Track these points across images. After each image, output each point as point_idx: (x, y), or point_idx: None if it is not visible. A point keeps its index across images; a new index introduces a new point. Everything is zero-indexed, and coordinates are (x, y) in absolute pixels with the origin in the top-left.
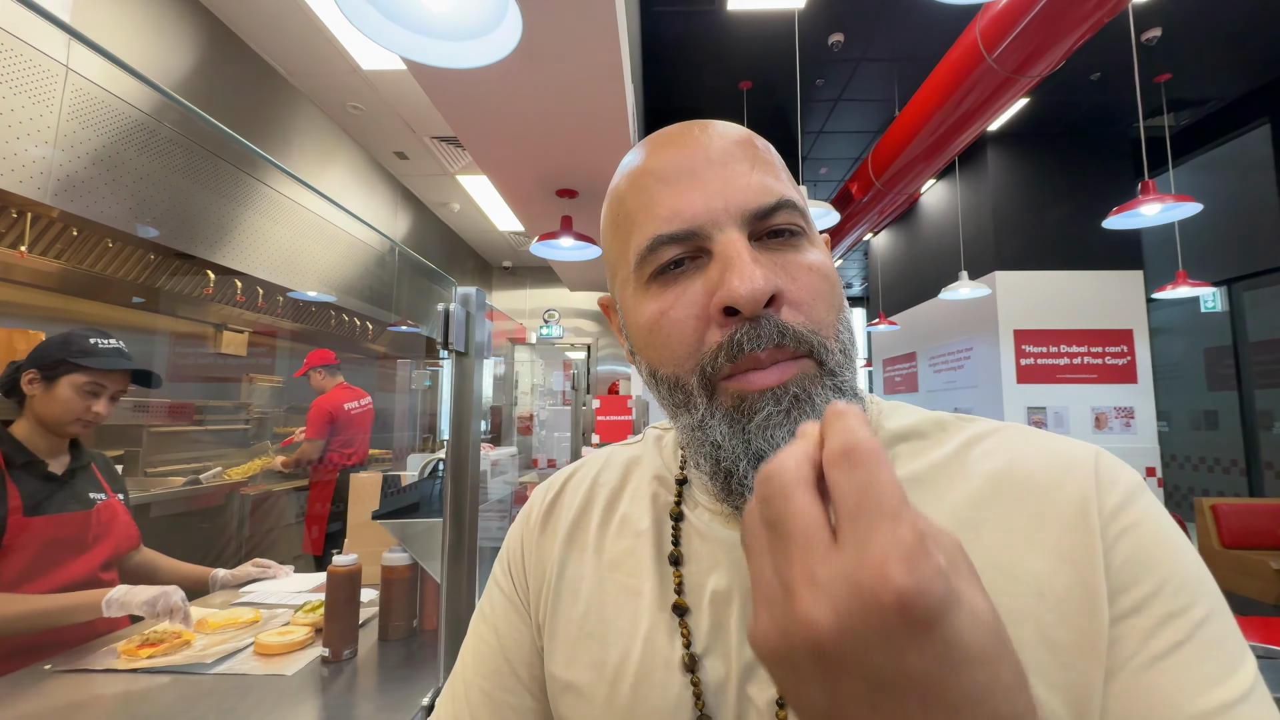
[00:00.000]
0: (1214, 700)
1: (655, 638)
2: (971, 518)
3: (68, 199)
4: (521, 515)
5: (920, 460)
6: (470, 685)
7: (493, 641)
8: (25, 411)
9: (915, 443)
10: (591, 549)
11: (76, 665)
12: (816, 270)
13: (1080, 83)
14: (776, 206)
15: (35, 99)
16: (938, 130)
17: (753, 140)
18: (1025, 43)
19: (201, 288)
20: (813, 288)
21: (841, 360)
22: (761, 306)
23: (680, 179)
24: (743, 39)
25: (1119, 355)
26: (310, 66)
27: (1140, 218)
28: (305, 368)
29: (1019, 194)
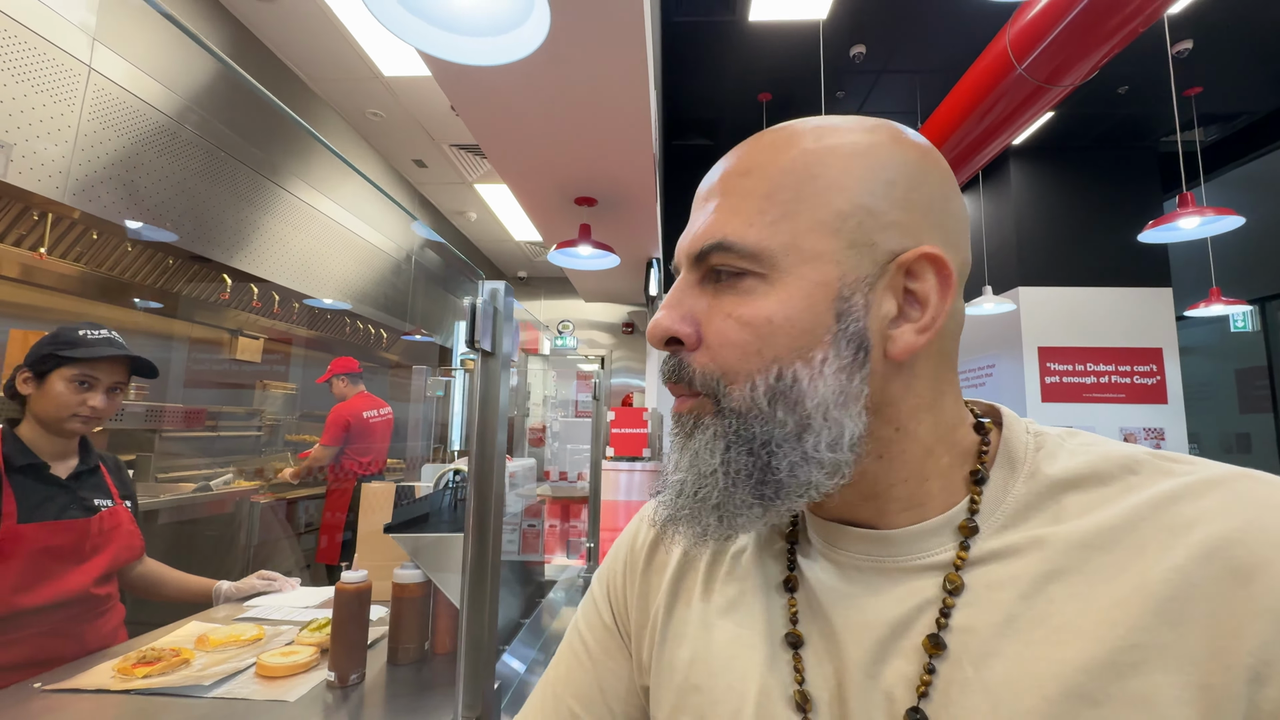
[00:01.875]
0: None
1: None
2: (1160, 601)
3: (85, 199)
4: (628, 536)
5: (1090, 517)
6: (560, 701)
7: (587, 664)
8: (26, 412)
9: (1090, 492)
10: (700, 589)
11: (67, 685)
12: (734, 317)
13: (1108, 95)
14: (706, 251)
15: (56, 98)
16: (962, 142)
17: (754, 160)
18: (1057, 52)
19: (218, 293)
20: (722, 334)
21: (743, 408)
22: (661, 344)
23: (693, 212)
24: (763, 50)
25: (1148, 374)
26: (332, 72)
27: (1178, 231)
28: (328, 374)
29: (1044, 208)
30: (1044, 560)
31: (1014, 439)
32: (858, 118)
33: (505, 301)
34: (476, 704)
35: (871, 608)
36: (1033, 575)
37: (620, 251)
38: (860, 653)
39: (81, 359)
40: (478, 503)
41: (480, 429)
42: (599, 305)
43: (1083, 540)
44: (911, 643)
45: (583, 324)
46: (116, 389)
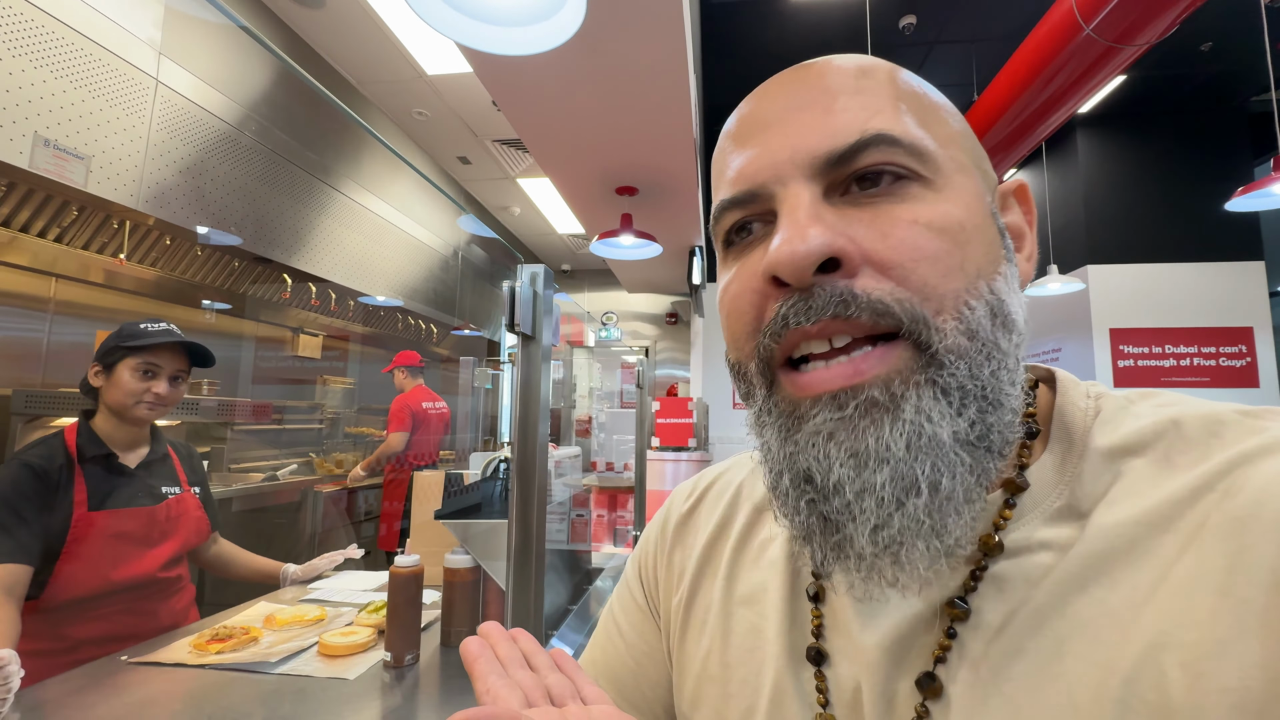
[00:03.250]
0: None
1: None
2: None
3: (158, 206)
4: (660, 517)
5: (1154, 494)
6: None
7: (620, 644)
8: (99, 404)
9: (1157, 460)
10: (724, 576)
11: (149, 658)
12: (922, 223)
13: (1188, 54)
14: (857, 146)
15: (128, 110)
16: (1024, 111)
17: (862, 67)
18: (1131, 8)
19: (279, 292)
20: (914, 246)
21: (961, 345)
22: (810, 272)
23: (754, 133)
24: (805, 27)
25: (1236, 356)
26: (378, 74)
27: (1272, 197)
28: (393, 365)
29: (1115, 180)
30: (1091, 544)
31: (1069, 405)
32: None
33: (545, 286)
34: None
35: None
36: (1079, 560)
37: (662, 240)
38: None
39: (144, 347)
40: (521, 486)
41: (522, 411)
42: (642, 296)
43: (1134, 518)
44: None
45: (626, 315)
46: (178, 378)
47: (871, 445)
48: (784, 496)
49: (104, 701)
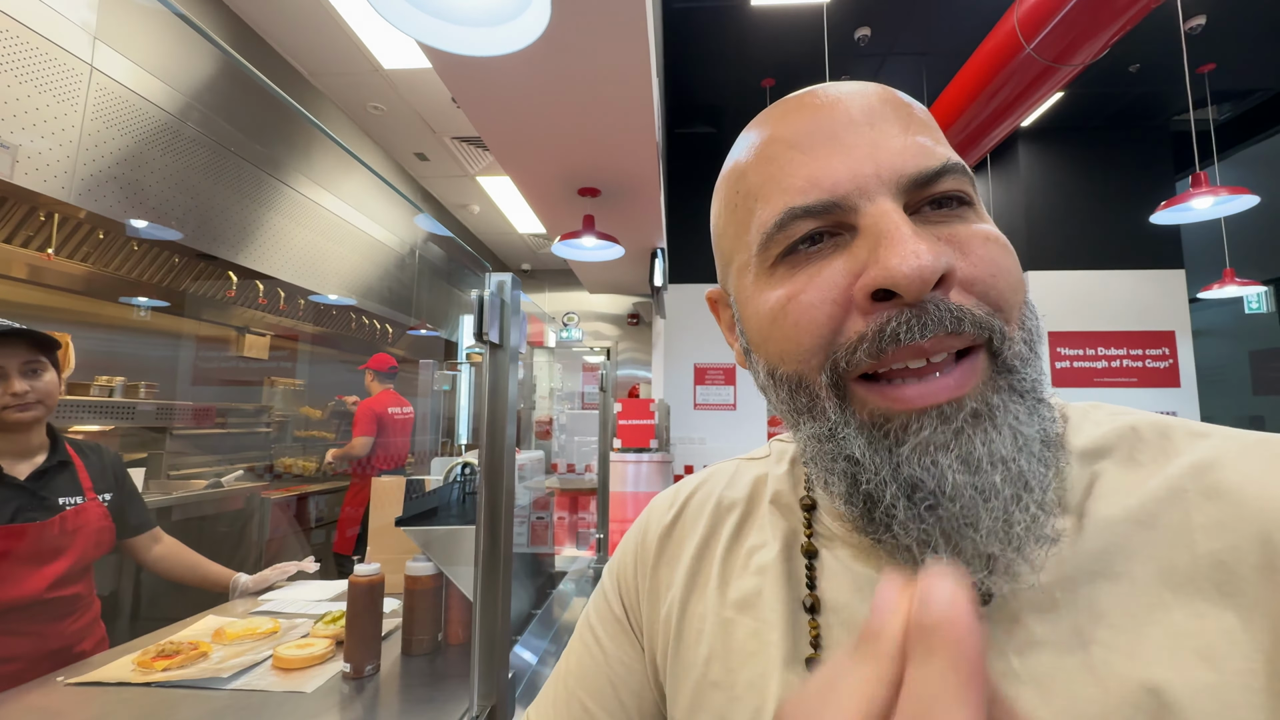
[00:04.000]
0: None
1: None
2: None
3: (91, 199)
4: (638, 529)
5: (1131, 492)
6: (572, 695)
7: (599, 657)
8: None
9: (1119, 463)
10: (715, 584)
11: (88, 678)
12: (995, 241)
13: (1119, 74)
14: (942, 171)
15: (60, 98)
16: (970, 124)
17: (899, 96)
18: (1067, 30)
19: (224, 290)
20: (993, 262)
21: (1025, 353)
22: (929, 288)
23: (817, 144)
24: (766, 34)
25: (1160, 358)
26: (332, 66)
27: (1191, 212)
28: (366, 365)
29: (1053, 191)
30: (1084, 543)
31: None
32: None
33: (513, 294)
34: (492, 693)
35: None
36: (1078, 557)
37: (625, 242)
38: None
39: None
40: (489, 494)
41: (490, 421)
42: (604, 297)
43: (1127, 515)
44: None
45: (588, 316)
46: (34, 369)
47: (982, 451)
48: (890, 508)
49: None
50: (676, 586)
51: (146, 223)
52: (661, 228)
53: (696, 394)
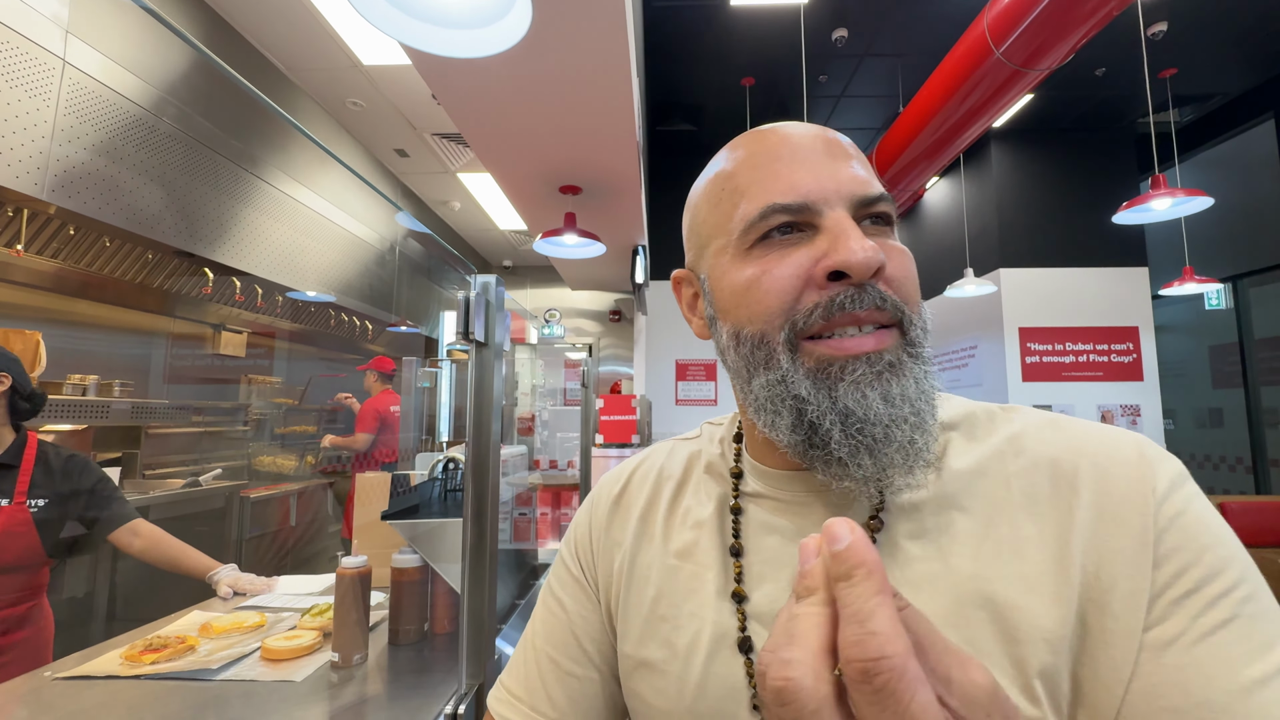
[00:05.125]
0: (1260, 670)
1: (721, 620)
2: (1022, 507)
3: (65, 195)
4: (588, 503)
5: (971, 454)
6: (540, 652)
7: (562, 616)
8: None
9: (964, 434)
10: (659, 538)
11: (76, 672)
12: (906, 254)
13: (1085, 78)
14: (879, 197)
15: (32, 92)
16: (943, 125)
17: (849, 142)
18: (1034, 36)
19: (200, 287)
20: (904, 268)
21: (921, 335)
22: (871, 274)
23: (797, 160)
24: (745, 34)
25: (1125, 353)
26: (310, 61)
27: (1151, 213)
28: (367, 366)
29: (1024, 191)
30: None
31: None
32: None
33: (497, 293)
34: (479, 673)
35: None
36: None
37: (606, 239)
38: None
39: None
40: (475, 487)
41: (475, 418)
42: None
43: (970, 470)
44: None
45: (569, 312)
46: None
47: (895, 391)
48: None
49: (32, 718)
50: (626, 542)
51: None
52: (643, 225)
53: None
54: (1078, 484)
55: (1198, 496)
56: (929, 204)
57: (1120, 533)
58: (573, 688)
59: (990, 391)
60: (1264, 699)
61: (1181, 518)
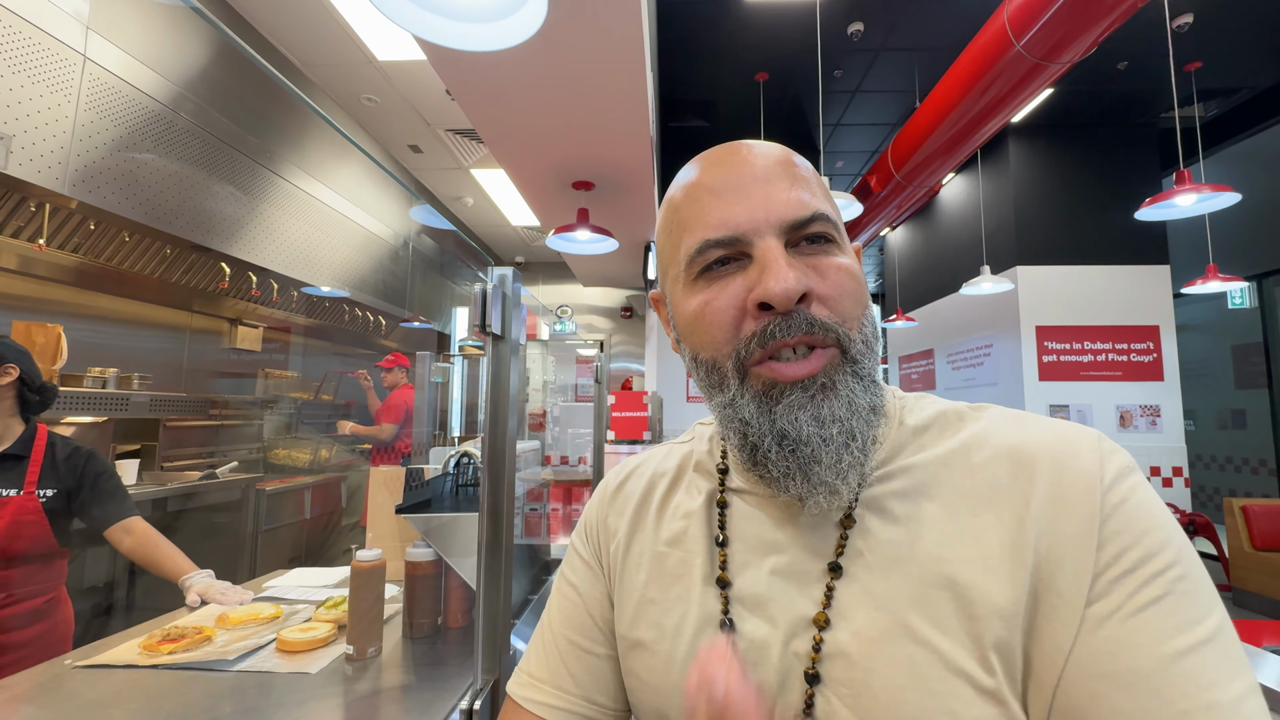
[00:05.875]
0: (1185, 641)
1: (707, 604)
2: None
3: (85, 190)
4: (598, 492)
5: (936, 448)
6: (558, 635)
7: (576, 600)
8: None
9: (934, 433)
10: (651, 528)
11: (96, 660)
12: (844, 270)
13: (1107, 72)
14: (811, 218)
15: (53, 88)
16: (961, 120)
17: (791, 159)
18: (1056, 28)
19: (217, 282)
20: (840, 285)
21: (863, 349)
22: (793, 302)
23: (728, 192)
24: (759, 29)
25: (1145, 352)
26: (325, 57)
27: (1175, 209)
28: (390, 363)
29: (1042, 187)
30: (914, 477)
31: (886, 398)
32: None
33: (513, 286)
34: (494, 668)
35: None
36: (908, 487)
37: (618, 235)
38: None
39: None
40: (491, 483)
41: (492, 412)
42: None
43: (937, 460)
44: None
45: (581, 309)
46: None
47: (826, 412)
48: (767, 451)
49: (53, 705)
50: (622, 531)
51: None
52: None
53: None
54: (1035, 474)
55: (1142, 486)
56: (945, 201)
57: (1069, 518)
58: (593, 665)
59: (1006, 391)
60: (1185, 666)
61: (1125, 504)
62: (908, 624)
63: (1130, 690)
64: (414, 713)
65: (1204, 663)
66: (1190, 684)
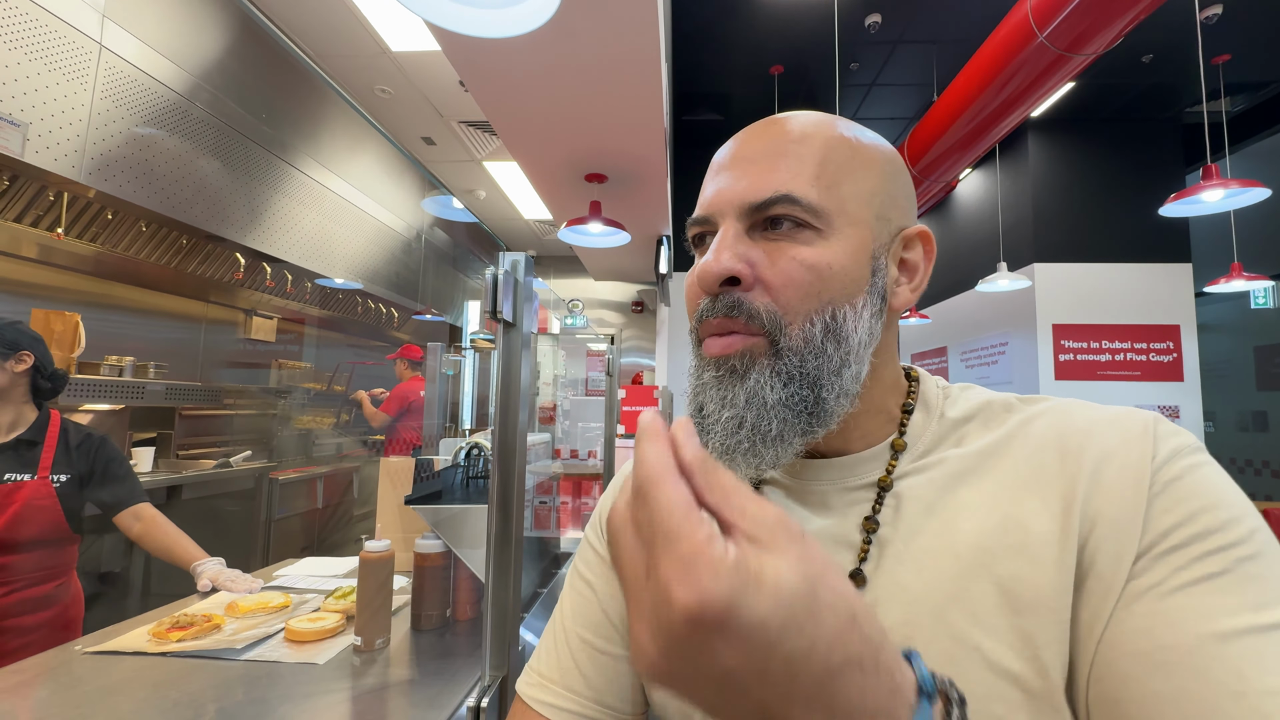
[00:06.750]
0: (1242, 622)
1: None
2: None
3: (101, 179)
4: (614, 484)
5: (979, 440)
6: (570, 633)
7: (590, 596)
8: None
9: (978, 424)
10: None
11: (106, 647)
12: (796, 259)
13: (1131, 65)
14: (770, 201)
15: (69, 76)
16: (980, 114)
17: (804, 132)
18: (1081, 18)
19: (232, 272)
20: (786, 274)
21: (799, 345)
22: (716, 285)
23: (720, 171)
24: (775, 21)
25: (1164, 352)
26: (338, 48)
27: (1201, 205)
28: (396, 355)
29: (1061, 182)
30: (951, 467)
31: (927, 391)
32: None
33: (526, 273)
34: (503, 664)
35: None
36: (944, 477)
37: (631, 229)
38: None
39: None
40: (501, 471)
41: (502, 402)
42: (608, 284)
43: (979, 451)
44: (856, 537)
45: (592, 303)
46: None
47: (728, 395)
48: (698, 422)
49: (62, 691)
50: None
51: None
52: (668, 215)
53: None
54: (1083, 459)
55: (1205, 465)
56: (961, 196)
57: (1117, 499)
58: (606, 666)
59: (1020, 390)
60: (1240, 648)
61: (1178, 482)
62: (945, 620)
63: (1166, 670)
64: (421, 707)
65: (1265, 649)
66: (1246, 667)
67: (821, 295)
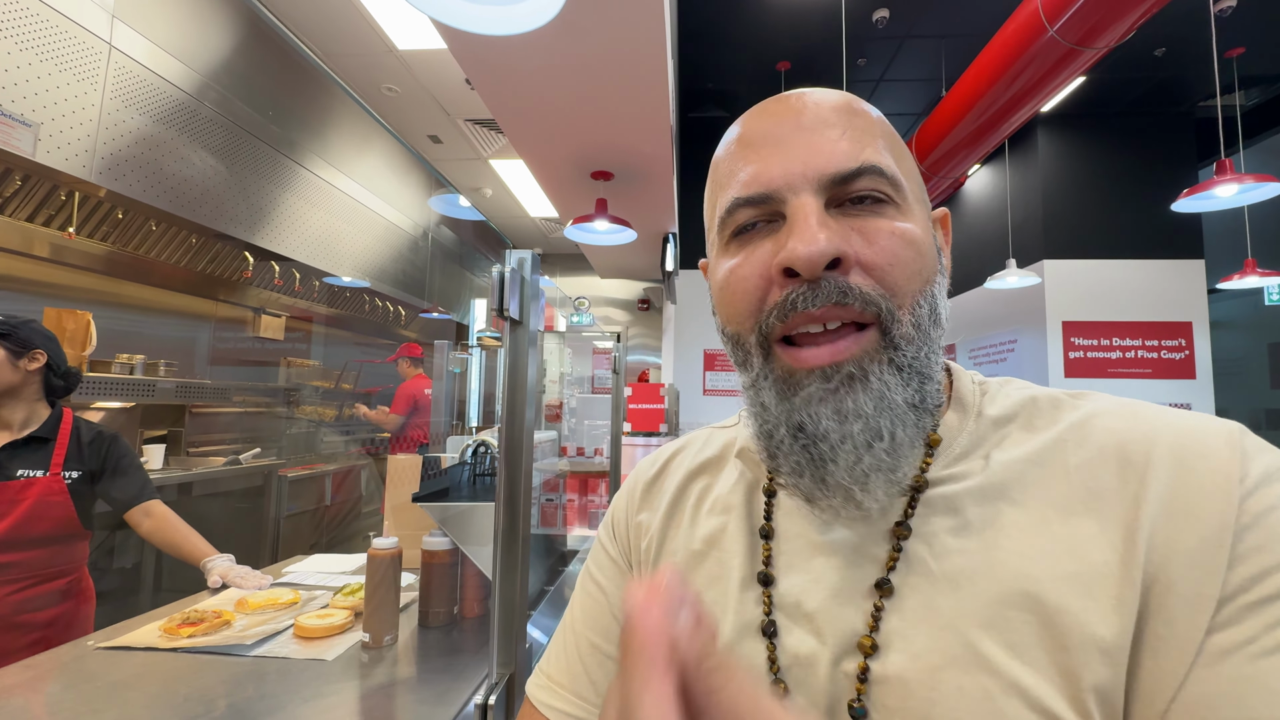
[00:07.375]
0: None
1: (745, 609)
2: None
3: (112, 178)
4: (627, 486)
5: (1025, 444)
6: (580, 636)
7: (601, 599)
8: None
9: (1021, 424)
10: (687, 524)
11: (117, 642)
12: (899, 235)
13: (1142, 58)
14: (859, 172)
15: (80, 76)
16: (990, 109)
17: (852, 105)
18: (1093, 11)
19: (240, 271)
20: (890, 252)
21: (910, 333)
22: (820, 269)
23: (766, 145)
24: (781, 16)
25: (1176, 349)
26: (345, 47)
27: (1214, 200)
28: (397, 355)
29: (1072, 178)
30: (991, 476)
31: (962, 387)
32: None
33: (533, 270)
34: (510, 662)
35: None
36: (983, 487)
37: (637, 226)
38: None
39: None
40: (508, 469)
41: (509, 399)
42: (614, 282)
43: (1024, 458)
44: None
45: (598, 301)
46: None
47: (850, 406)
48: (780, 442)
49: (74, 686)
50: (655, 526)
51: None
52: (674, 212)
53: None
54: (1148, 474)
55: None
56: (970, 192)
57: (1192, 527)
58: (615, 672)
59: None
60: None
61: (1274, 513)
62: (978, 648)
63: None
64: (429, 703)
65: None
66: None
67: (923, 273)
